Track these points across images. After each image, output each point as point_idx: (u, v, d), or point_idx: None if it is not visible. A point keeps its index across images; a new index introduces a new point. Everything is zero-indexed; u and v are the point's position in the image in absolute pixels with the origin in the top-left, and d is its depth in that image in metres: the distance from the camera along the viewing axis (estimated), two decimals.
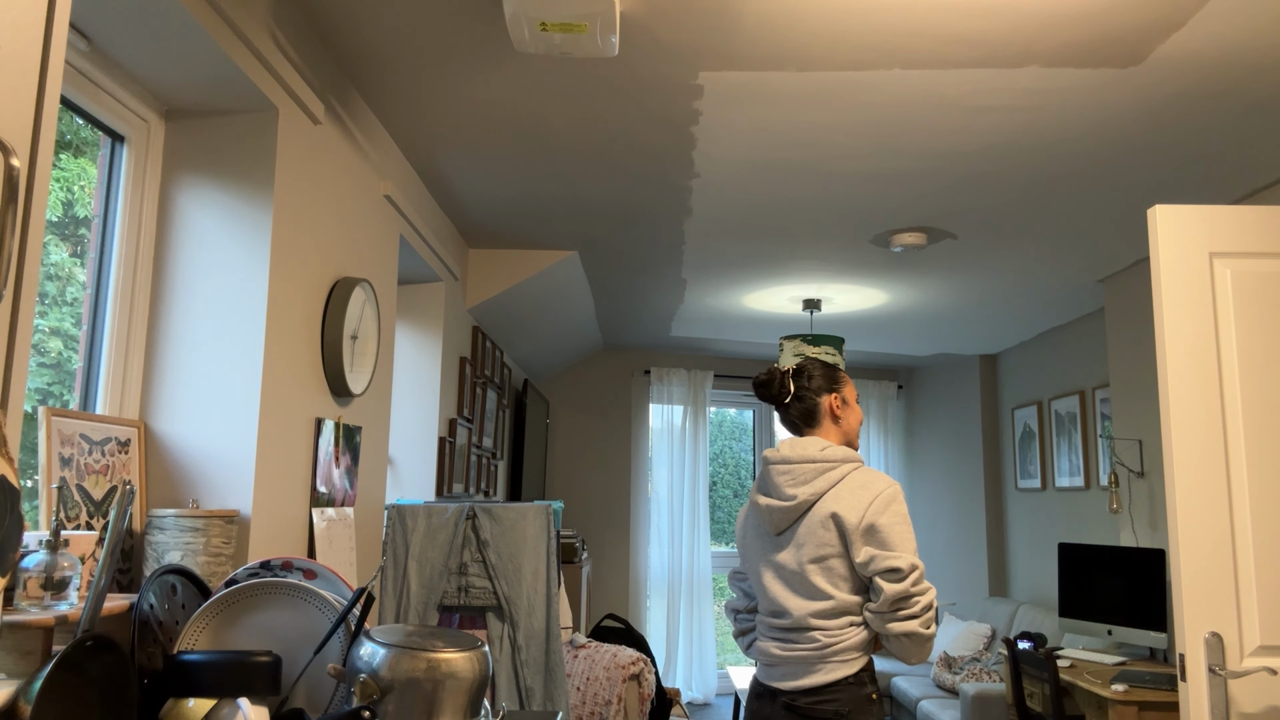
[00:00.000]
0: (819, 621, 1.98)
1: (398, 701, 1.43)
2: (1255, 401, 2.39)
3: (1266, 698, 2.27)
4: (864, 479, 2.02)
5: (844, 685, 1.94)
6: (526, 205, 3.59)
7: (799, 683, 1.97)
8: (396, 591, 2.68)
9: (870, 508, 1.96)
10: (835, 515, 1.98)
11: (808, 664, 1.97)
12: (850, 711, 1.94)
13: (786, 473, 2.05)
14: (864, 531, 1.95)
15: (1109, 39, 2.22)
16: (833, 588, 1.98)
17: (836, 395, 2.12)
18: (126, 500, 1.46)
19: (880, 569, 1.91)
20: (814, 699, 1.95)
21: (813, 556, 1.99)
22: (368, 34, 2.28)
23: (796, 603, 2.00)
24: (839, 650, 1.96)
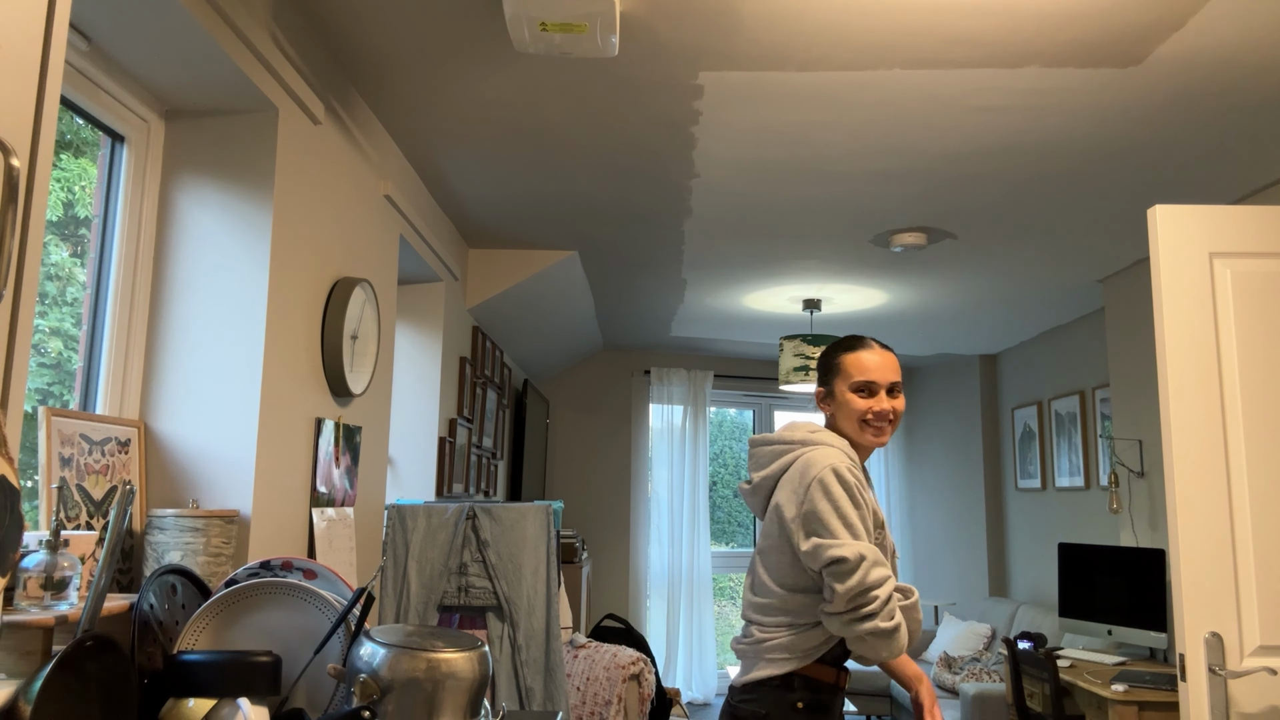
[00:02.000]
0: (755, 615, 1.89)
1: (398, 701, 1.43)
2: (1255, 401, 2.39)
3: (1266, 698, 2.27)
4: (808, 460, 1.85)
5: (768, 686, 1.82)
6: (526, 205, 3.59)
7: (737, 678, 1.90)
8: (396, 591, 2.68)
9: (808, 493, 1.80)
10: (777, 504, 1.88)
11: (744, 658, 1.89)
12: (766, 715, 1.81)
13: (753, 455, 2.00)
14: (802, 519, 1.80)
15: (1109, 39, 2.22)
16: (773, 582, 1.87)
17: (822, 388, 2.00)
18: (126, 500, 1.46)
19: (825, 561, 1.73)
20: (740, 696, 1.86)
21: (760, 547, 1.93)
22: (368, 34, 2.28)
23: (746, 594, 1.95)
24: (768, 649, 1.84)
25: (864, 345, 1.97)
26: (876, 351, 1.96)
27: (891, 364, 1.95)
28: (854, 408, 1.93)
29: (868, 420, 1.92)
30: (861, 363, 1.94)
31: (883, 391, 1.93)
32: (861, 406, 1.93)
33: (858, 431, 1.93)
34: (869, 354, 1.95)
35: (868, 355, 1.95)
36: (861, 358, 1.95)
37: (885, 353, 1.96)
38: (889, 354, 1.97)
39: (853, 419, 1.93)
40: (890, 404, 1.93)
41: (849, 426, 1.94)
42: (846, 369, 1.96)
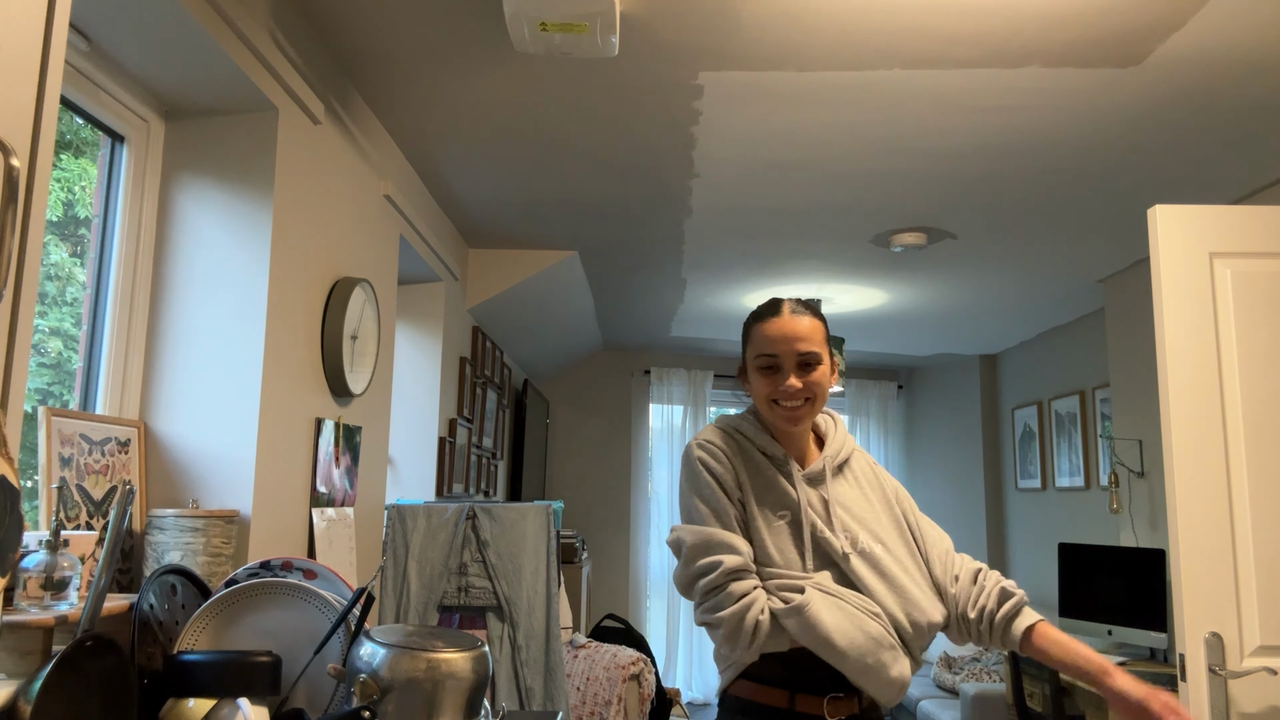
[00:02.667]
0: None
1: (397, 701, 1.43)
2: (1255, 401, 2.39)
3: (1267, 698, 2.27)
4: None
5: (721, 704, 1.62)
6: (526, 205, 3.59)
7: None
8: (396, 591, 2.68)
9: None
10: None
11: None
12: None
13: None
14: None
15: (1109, 39, 2.22)
16: None
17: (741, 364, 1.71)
18: (126, 500, 1.46)
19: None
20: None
21: None
22: (368, 34, 2.28)
23: None
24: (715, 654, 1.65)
25: (771, 311, 1.63)
26: (784, 318, 1.60)
27: (802, 330, 1.59)
28: (757, 388, 1.64)
29: (776, 401, 1.60)
30: (763, 333, 1.61)
31: (789, 366, 1.59)
32: (763, 386, 1.62)
33: (769, 413, 1.63)
34: (773, 322, 1.61)
35: (771, 324, 1.61)
36: (764, 328, 1.62)
37: (796, 318, 1.60)
38: (801, 318, 1.61)
39: (760, 400, 1.63)
40: (799, 381, 1.58)
41: (761, 407, 1.64)
42: (751, 340, 1.65)
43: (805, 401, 1.60)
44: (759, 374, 1.63)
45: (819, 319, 1.64)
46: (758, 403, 1.64)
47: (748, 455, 1.63)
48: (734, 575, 1.51)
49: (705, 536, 1.53)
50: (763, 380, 1.62)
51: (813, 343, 1.61)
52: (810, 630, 1.48)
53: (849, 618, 1.50)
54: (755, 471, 1.61)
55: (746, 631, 1.49)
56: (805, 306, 1.64)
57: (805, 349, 1.59)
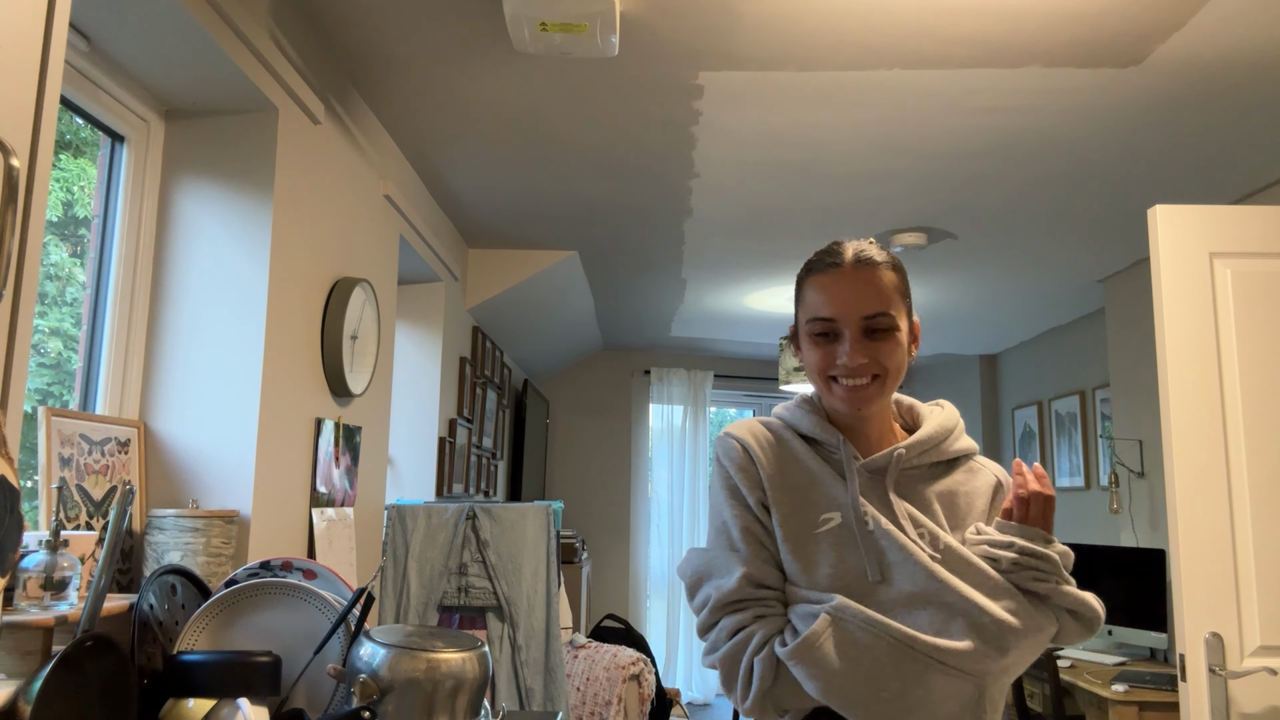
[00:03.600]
0: None
1: (397, 702, 1.43)
2: (1255, 401, 2.39)
3: (1267, 698, 2.27)
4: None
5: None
6: (526, 205, 3.59)
7: None
8: (396, 592, 2.68)
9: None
10: None
11: None
12: None
13: None
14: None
15: (1109, 39, 2.22)
16: None
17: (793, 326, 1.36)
18: (126, 500, 1.46)
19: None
20: None
21: None
22: (368, 34, 2.28)
23: None
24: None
25: (829, 259, 1.26)
26: (845, 269, 1.24)
27: (869, 286, 1.23)
28: (810, 359, 1.29)
29: (834, 378, 1.26)
30: (817, 289, 1.26)
31: (851, 333, 1.23)
32: (817, 358, 1.27)
33: (826, 393, 1.28)
34: (830, 275, 1.25)
35: (828, 277, 1.25)
36: (818, 282, 1.26)
37: (861, 269, 1.24)
38: (869, 269, 1.24)
39: (814, 375, 1.29)
40: (865, 351, 1.22)
41: (816, 385, 1.30)
42: (803, 299, 1.30)
43: (872, 379, 1.24)
44: (812, 342, 1.27)
45: (894, 269, 1.26)
46: (811, 378, 1.30)
47: (786, 446, 1.30)
48: (728, 607, 1.19)
49: (702, 564, 1.24)
50: (816, 350, 1.27)
51: (883, 301, 1.23)
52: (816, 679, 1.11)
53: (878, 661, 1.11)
54: (794, 466, 1.28)
55: (741, 680, 1.16)
56: (875, 251, 1.26)
57: (872, 310, 1.23)
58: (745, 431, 1.31)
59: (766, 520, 1.24)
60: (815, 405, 1.33)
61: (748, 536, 1.23)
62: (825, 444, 1.30)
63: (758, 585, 1.20)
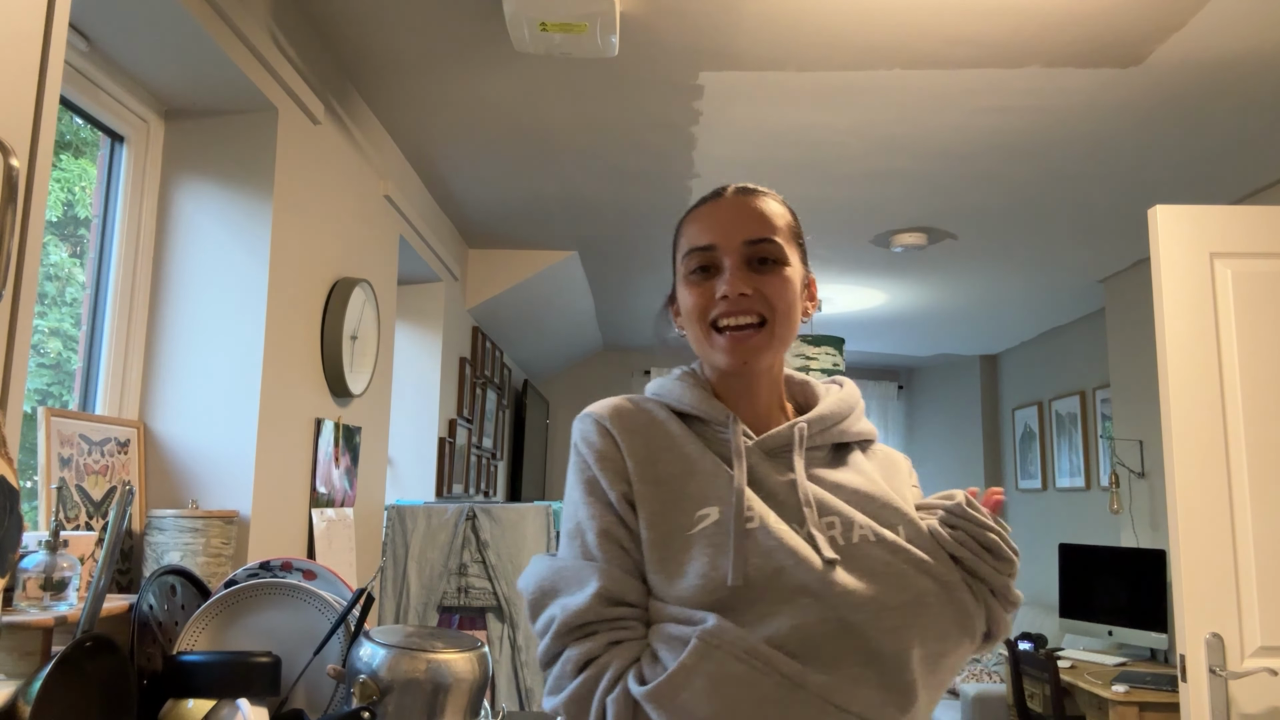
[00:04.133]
0: None
1: (397, 702, 1.43)
2: (1255, 401, 2.39)
3: (1267, 698, 2.27)
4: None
5: None
6: (526, 205, 3.59)
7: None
8: (396, 592, 2.68)
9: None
10: None
11: None
12: None
13: None
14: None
15: (1109, 39, 2.22)
16: None
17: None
18: (126, 500, 1.45)
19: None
20: None
21: None
22: (368, 34, 2.28)
23: None
24: None
25: (710, 195, 1.10)
26: (726, 199, 1.08)
27: (755, 211, 1.06)
28: (687, 305, 1.07)
29: (716, 324, 1.04)
30: (695, 222, 1.09)
31: (732, 261, 1.03)
32: (695, 298, 1.05)
33: (706, 347, 1.06)
34: (711, 206, 1.08)
35: (708, 208, 1.08)
36: (698, 214, 1.09)
37: (743, 197, 1.07)
38: (752, 196, 1.07)
39: (693, 324, 1.07)
40: (749, 282, 1.03)
41: (696, 342, 1.08)
42: (680, 239, 1.11)
43: (760, 324, 1.03)
44: (688, 284, 1.07)
45: (785, 207, 1.11)
46: (691, 331, 1.08)
47: (659, 429, 1.05)
48: (575, 633, 0.93)
49: (548, 576, 0.98)
50: (694, 292, 1.06)
51: (769, 227, 1.05)
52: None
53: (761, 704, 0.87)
54: (669, 453, 1.02)
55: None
56: (762, 187, 1.11)
57: (756, 234, 1.04)
58: (608, 410, 1.06)
59: (632, 520, 0.98)
60: (697, 377, 1.11)
61: (606, 541, 0.97)
62: (710, 422, 1.06)
63: (614, 602, 0.94)
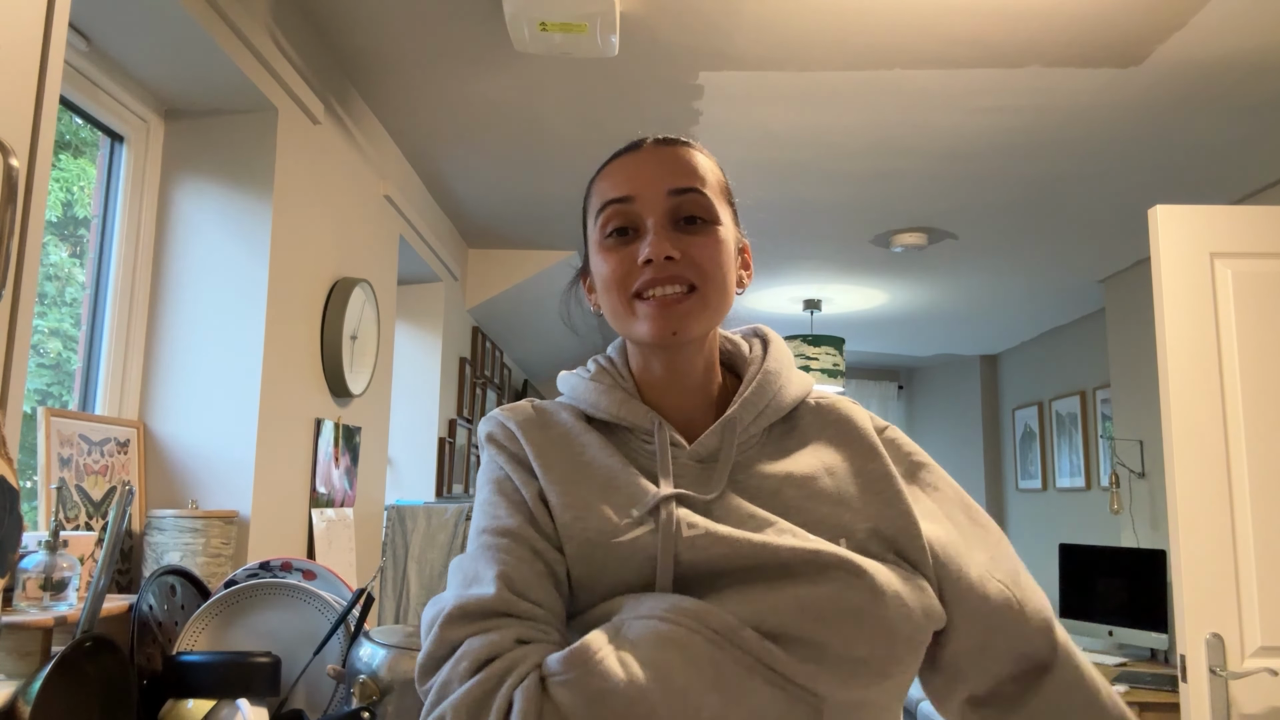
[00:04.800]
0: None
1: (397, 702, 1.43)
2: (1255, 401, 2.39)
3: (1267, 699, 2.27)
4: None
5: None
6: (526, 205, 3.59)
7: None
8: (396, 592, 2.68)
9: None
10: None
11: None
12: None
13: None
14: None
15: (1109, 39, 2.22)
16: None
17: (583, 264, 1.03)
18: (126, 500, 1.45)
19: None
20: None
21: None
22: (368, 34, 2.28)
23: None
24: None
25: (628, 146, 0.96)
26: (646, 149, 0.93)
27: (679, 161, 0.91)
28: (603, 274, 0.92)
29: (638, 293, 0.89)
30: (609, 176, 0.95)
31: (655, 219, 0.89)
32: (614, 264, 0.90)
33: (627, 315, 0.90)
34: (628, 156, 0.94)
35: (624, 159, 0.95)
36: (613, 166, 0.96)
37: (666, 147, 0.93)
38: (675, 146, 0.93)
39: (611, 296, 0.91)
40: (676, 243, 0.87)
41: (615, 319, 0.93)
42: (592, 196, 0.99)
43: (689, 291, 0.87)
44: (605, 248, 0.92)
45: (713, 161, 0.95)
46: (609, 303, 0.92)
47: (568, 442, 0.90)
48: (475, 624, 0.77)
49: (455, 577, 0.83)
50: (612, 258, 0.90)
51: (696, 178, 0.90)
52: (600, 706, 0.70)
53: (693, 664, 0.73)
54: (581, 471, 0.87)
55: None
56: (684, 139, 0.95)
57: (681, 184, 0.89)
58: (516, 416, 0.93)
59: (547, 522, 0.84)
60: (614, 373, 0.96)
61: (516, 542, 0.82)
62: (634, 430, 0.90)
63: (521, 595, 0.79)
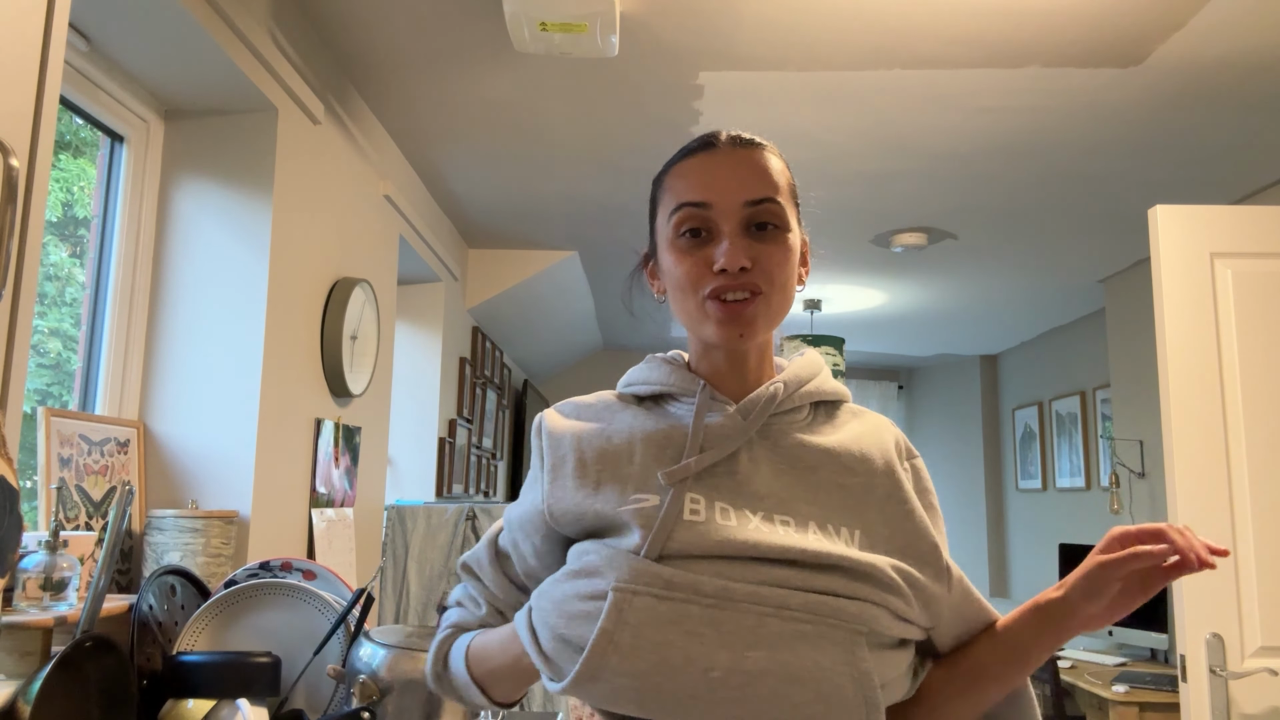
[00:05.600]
0: None
1: (397, 702, 1.43)
2: (1255, 402, 2.39)
3: (1267, 699, 2.27)
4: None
5: None
6: (526, 205, 3.59)
7: None
8: (396, 592, 2.68)
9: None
10: None
11: None
12: None
13: None
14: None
15: (1109, 39, 2.22)
16: None
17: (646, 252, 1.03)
18: (126, 500, 1.45)
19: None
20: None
21: None
22: (368, 34, 2.28)
23: None
24: None
25: (701, 143, 0.94)
26: (722, 151, 0.92)
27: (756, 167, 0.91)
28: (673, 272, 0.92)
29: (712, 296, 0.89)
30: (686, 174, 0.93)
31: (730, 226, 0.89)
32: (688, 267, 0.90)
33: (697, 315, 0.91)
34: (704, 157, 0.93)
35: (700, 159, 0.93)
36: (689, 165, 0.93)
37: (741, 150, 0.92)
38: (751, 150, 0.93)
39: (680, 294, 0.92)
40: (749, 251, 0.88)
41: (684, 316, 0.93)
42: (665, 193, 0.96)
43: (757, 296, 0.89)
44: (677, 249, 0.92)
45: (783, 161, 0.96)
46: (680, 303, 0.93)
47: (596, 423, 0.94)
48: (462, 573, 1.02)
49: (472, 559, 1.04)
50: (685, 260, 0.90)
51: (771, 185, 0.91)
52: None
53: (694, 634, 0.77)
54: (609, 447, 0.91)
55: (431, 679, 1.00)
56: (756, 137, 0.95)
57: (758, 194, 0.90)
58: (562, 407, 0.99)
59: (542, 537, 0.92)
60: (671, 358, 0.99)
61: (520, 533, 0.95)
62: (679, 396, 0.94)
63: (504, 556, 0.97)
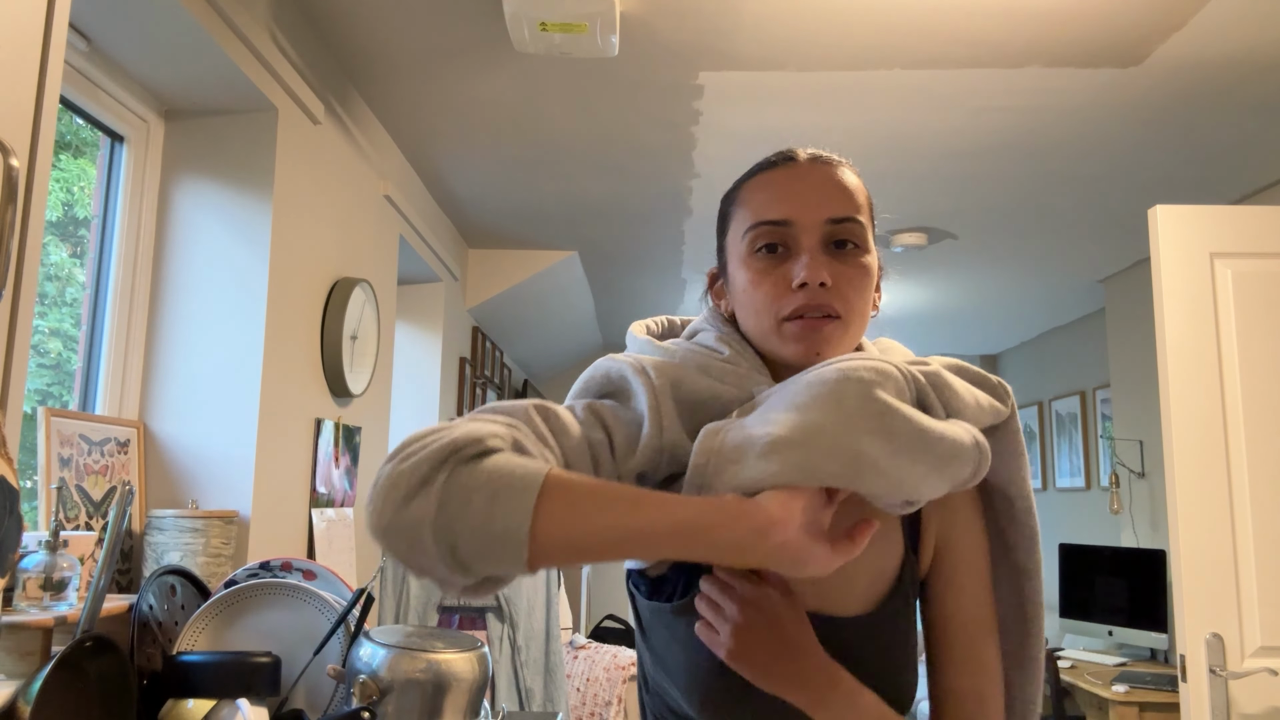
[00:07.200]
0: None
1: (397, 702, 1.43)
2: (1255, 401, 2.39)
3: (1267, 698, 2.27)
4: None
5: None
6: (526, 205, 3.59)
7: None
8: (396, 592, 2.68)
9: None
10: None
11: None
12: None
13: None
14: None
15: (1109, 39, 2.22)
16: None
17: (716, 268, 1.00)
18: (126, 500, 1.45)
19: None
20: None
21: None
22: (368, 34, 2.28)
23: None
24: None
25: (780, 157, 0.94)
26: (802, 166, 0.91)
27: (838, 185, 0.90)
28: (748, 291, 0.89)
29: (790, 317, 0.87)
30: (764, 188, 0.91)
31: (810, 243, 0.87)
32: (760, 284, 0.88)
33: (773, 336, 0.88)
34: (784, 171, 0.91)
35: (781, 174, 0.91)
36: (768, 179, 0.92)
37: (821, 168, 0.91)
38: (831, 167, 0.91)
39: (753, 314, 0.89)
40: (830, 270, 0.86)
41: (759, 335, 0.90)
42: (739, 207, 0.93)
43: (834, 318, 0.87)
44: (752, 268, 0.89)
45: (861, 181, 0.94)
46: (754, 323, 0.89)
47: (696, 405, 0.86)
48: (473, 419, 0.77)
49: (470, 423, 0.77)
50: (762, 278, 0.88)
51: (854, 206, 0.89)
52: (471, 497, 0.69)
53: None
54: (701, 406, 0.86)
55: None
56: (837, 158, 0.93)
57: (842, 212, 0.88)
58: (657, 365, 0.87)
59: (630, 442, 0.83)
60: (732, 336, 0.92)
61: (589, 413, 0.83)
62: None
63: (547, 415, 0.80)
